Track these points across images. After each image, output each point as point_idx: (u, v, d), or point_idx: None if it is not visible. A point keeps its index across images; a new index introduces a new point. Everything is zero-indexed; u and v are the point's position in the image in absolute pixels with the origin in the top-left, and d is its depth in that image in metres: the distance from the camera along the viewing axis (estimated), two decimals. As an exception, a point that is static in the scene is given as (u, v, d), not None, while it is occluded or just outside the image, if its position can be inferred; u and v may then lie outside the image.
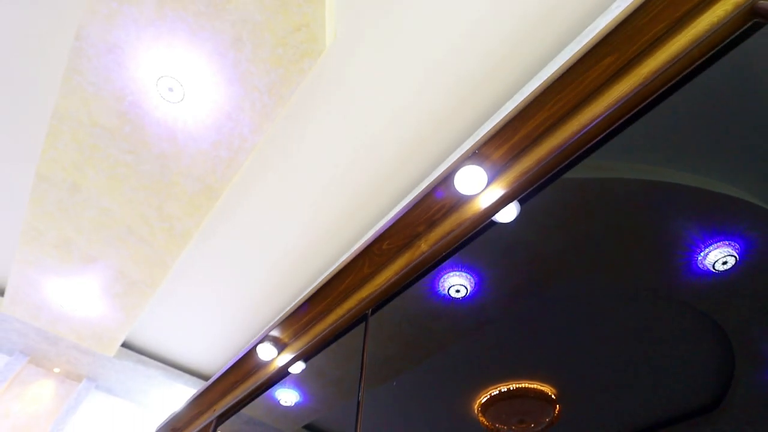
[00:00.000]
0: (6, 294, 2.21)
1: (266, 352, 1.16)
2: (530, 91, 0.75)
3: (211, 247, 2.11)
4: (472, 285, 1.02)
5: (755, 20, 0.53)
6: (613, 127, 0.66)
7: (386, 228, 0.89)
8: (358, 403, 1.02)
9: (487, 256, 0.95)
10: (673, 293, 0.73)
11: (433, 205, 0.82)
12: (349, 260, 0.96)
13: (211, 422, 1.33)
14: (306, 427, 1.39)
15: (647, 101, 0.63)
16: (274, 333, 1.15)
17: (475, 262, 0.93)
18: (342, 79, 1.54)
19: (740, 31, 0.55)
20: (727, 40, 0.56)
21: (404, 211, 0.85)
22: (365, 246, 0.92)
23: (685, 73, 0.60)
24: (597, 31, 1.13)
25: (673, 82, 0.61)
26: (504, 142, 0.73)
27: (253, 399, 1.29)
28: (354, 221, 1.94)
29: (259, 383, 1.22)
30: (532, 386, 1.05)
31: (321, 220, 1.95)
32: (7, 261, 2.30)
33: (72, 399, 2.70)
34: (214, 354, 2.68)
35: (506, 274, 0.93)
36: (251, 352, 1.19)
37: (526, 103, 0.69)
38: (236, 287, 2.28)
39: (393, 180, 1.77)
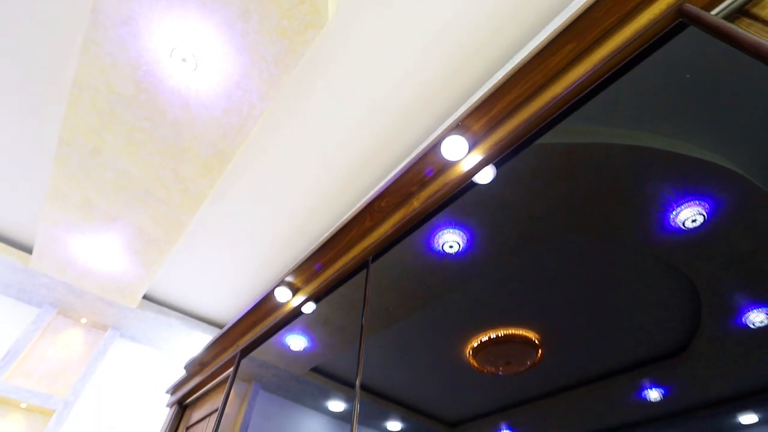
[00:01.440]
0: (34, 251, 2.40)
1: (282, 294, 1.35)
2: (507, 71, 0.87)
3: (224, 207, 2.27)
4: (465, 241, 1.11)
5: (680, 20, 0.66)
6: (570, 104, 0.80)
7: (384, 188, 1.04)
8: (360, 341, 1.20)
9: (478, 216, 1.09)
10: (647, 249, 0.80)
11: (423, 168, 0.97)
12: (353, 215, 1.12)
13: (236, 355, 1.55)
14: (313, 369, 1.60)
15: (598, 82, 0.77)
16: (289, 278, 1.33)
17: (468, 221, 1.07)
18: (344, 49, 1.63)
19: (669, 27, 0.67)
20: (660, 34, 0.69)
21: (399, 174, 1.00)
22: (367, 203, 1.08)
23: (626, 60, 0.73)
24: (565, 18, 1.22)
25: (617, 67, 0.74)
26: (482, 116, 0.86)
27: (270, 336, 1.50)
28: (354, 184, 2.09)
29: (276, 321, 1.43)
30: (518, 333, 1.14)
31: (325, 182, 2.10)
32: (34, 221, 2.47)
33: (100, 345, 2.97)
34: (228, 304, 2.92)
35: (496, 232, 1.05)
36: (269, 294, 1.38)
37: (501, 83, 0.82)
38: (247, 244, 2.47)
39: (392, 144, 1.90)
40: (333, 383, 1.48)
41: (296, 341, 1.61)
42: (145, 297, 2.87)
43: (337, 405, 1.46)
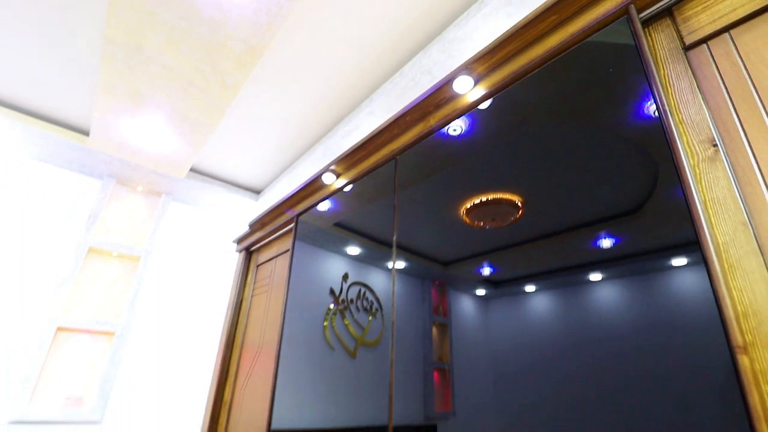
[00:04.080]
0: (91, 134, 2.77)
1: (328, 178, 1.82)
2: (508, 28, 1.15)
3: (256, 90, 2.56)
4: (467, 125, 1.34)
5: (626, 16, 0.94)
6: (549, 62, 1.11)
7: (410, 107, 1.40)
8: (394, 217, 1.68)
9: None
10: (620, 132, 0.92)
11: (439, 96, 1.31)
12: (384, 126, 1.50)
13: (294, 218, 2.12)
14: (335, 224, 2.13)
15: (569, 48, 1.07)
16: (333, 167, 1.78)
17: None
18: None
19: (619, 19, 0.96)
20: (614, 23, 0.98)
21: (421, 98, 1.35)
22: (395, 118, 1.45)
23: (590, 36, 1.03)
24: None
25: (585, 39, 1.04)
26: (485, 62, 1.17)
27: (317, 204, 2.03)
28: (380, 65, 2.33)
29: (322, 197, 1.93)
30: (504, 196, 1.31)
31: (351, 63, 2.34)
32: (88, 108, 2.76)
33: (159, 208, 3.59)
34: (261, 174, 3.42)
35: (493, 118, 1.25)
36: (317, 178, 1.85)
37: (501, 39, 1.12)
38: (277, 124, 2.82)
39: (421, 23, 2.07)
40: (350, 234, 1.90)
41: (322, 204, 2.13)
42: (191, 169, 3.35)
43: (353, 250, 1.88)
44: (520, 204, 1.30)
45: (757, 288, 0.60)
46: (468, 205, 1.48)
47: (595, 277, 1.00)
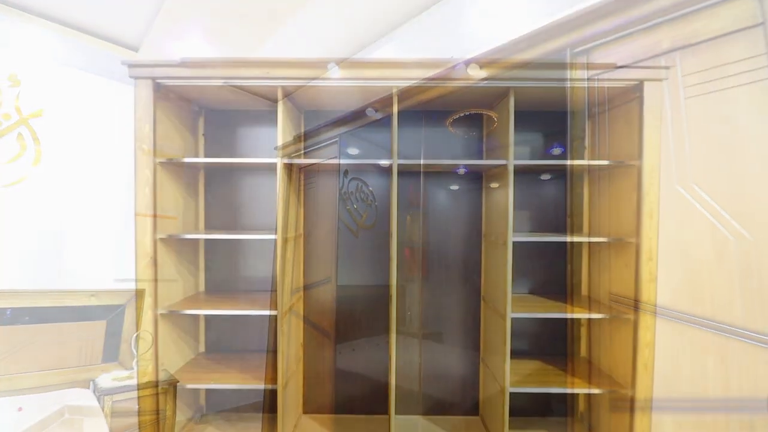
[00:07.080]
0: (140, 51, 3.21)
1: (370, 112, 2.62)
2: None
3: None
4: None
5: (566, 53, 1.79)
6: (526, 64, 1.94)
7: (437, 75, 2.19)
8: (392, 128, 2.52)
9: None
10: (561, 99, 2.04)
11: (456, 70, 2.12)
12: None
13: (337, 138, 2.92)
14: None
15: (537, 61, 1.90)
16: (372, 106, 2.57)
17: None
18: None
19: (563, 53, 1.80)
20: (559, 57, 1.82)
21: (445, 71, 2.15)
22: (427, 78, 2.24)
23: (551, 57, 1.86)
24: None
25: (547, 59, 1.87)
26: (487, 59, 1.99)
27: (353, 130, 2.81)
28: None
29: (358, 126, 2.74)
30: (484, 111, 2.01)
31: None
32: (139, 30, 3.13)
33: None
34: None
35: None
36: (360, 110, 2.64)
37: (498, 49, 1.93)
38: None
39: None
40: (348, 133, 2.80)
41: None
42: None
43: (352, 150, 2.80)
44: (495, 119, 1.76)
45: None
46: (453, 119, 1.89)
47: (545, 176, 1.77)
